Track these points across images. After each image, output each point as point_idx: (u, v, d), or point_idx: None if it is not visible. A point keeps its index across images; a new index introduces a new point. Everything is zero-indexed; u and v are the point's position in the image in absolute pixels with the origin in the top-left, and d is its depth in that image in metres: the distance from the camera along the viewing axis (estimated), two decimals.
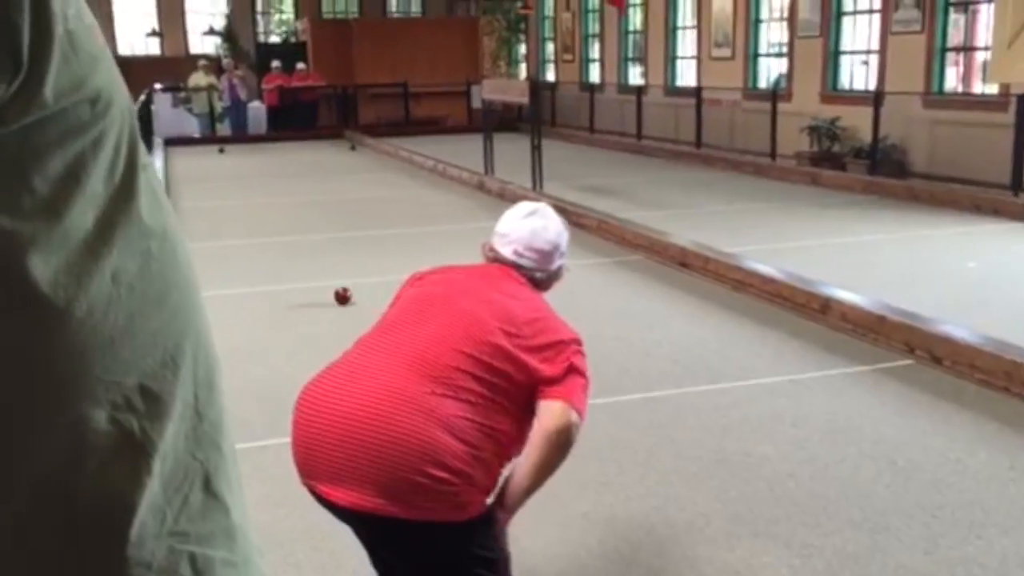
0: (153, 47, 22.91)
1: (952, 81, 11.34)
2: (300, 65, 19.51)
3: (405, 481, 1.90)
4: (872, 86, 11.99)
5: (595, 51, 19.57)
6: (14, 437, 0.62)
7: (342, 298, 6.44)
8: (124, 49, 22.83)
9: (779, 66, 14.21)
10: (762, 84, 14.45)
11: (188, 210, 10.43)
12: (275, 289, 6.92)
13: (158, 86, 19.25)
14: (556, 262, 2.34)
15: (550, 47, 21.75)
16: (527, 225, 2.31)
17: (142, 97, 15.15)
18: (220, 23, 22.68)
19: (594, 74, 19.54)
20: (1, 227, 0.59)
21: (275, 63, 19.39)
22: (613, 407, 4.37)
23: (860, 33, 12.55)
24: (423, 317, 2.11)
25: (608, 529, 3.29)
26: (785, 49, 13.87)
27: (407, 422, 1.92)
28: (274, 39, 23.59)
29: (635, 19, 17.95)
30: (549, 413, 2.04)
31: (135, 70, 21.12)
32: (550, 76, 21.35)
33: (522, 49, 22.81)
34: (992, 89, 10.62)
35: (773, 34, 14.37)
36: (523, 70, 22.36)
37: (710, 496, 3.48)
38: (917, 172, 11.13)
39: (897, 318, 5.15)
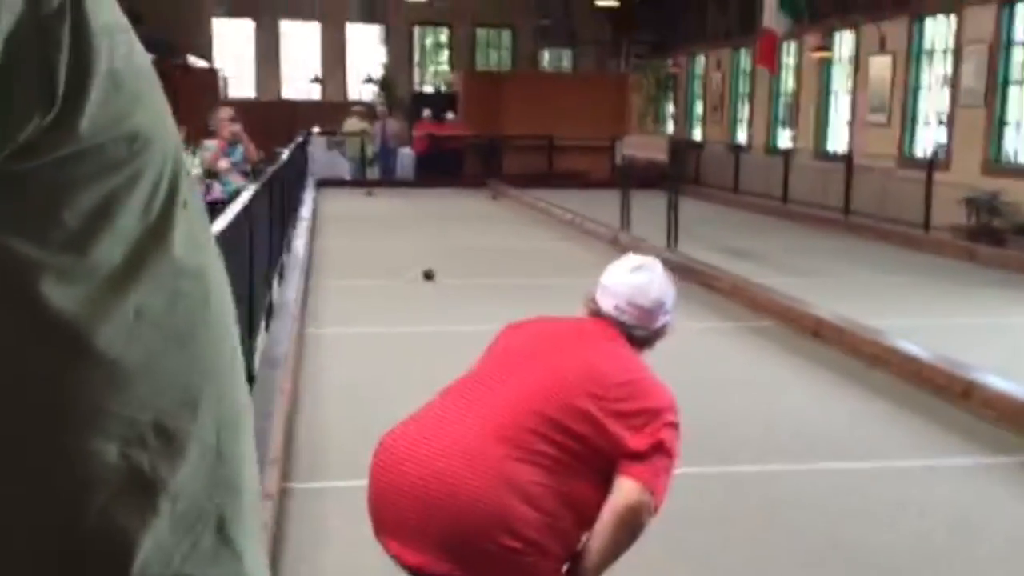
0: (315, 93, 24.09)
1: None
2: (449, 115, 20.09)
3: (474, 547, 1.85)
4: None
5: (744, 112, 19.33)
6: (25, 463, 0.62)
7: (428, 276, 8.56)
8: (288, 93, 24.13)
9: (938, 134, 13.63)
10: (919, 152, 13.89)
11: (330, 248, 10.81)
12: (403, 331, 7.04)
13: (316, 129, 20.18)
14: (660, 320, 2.23)
15: (699, 106, 21.63)
16: (631, 280, 2.22)
17: (299, 139, 15.89)
18: (379, 72, 23.65)
19: (742, 135, 19.28)
20: (27, 257, 0.59)
21: (426, 112, 20.03)
22: (725, 478, 4.20)
23: None
24: (508, 373, 2.06)
25: None
26: (945, 117, 13.31)
27: (480, 487, 1.87)
28: (428, 89, 24.41)
29: (787, 81, 17.64)
30: (623, 491, 1.95)
31: (297, 114, 22.28)
32: (697, 135, 21.20)
33: (670, 107, 22.76)
34: None
35: (934, 101, 13.83)
36: (670, 128, 22.29)
37: None
38: None
39: None
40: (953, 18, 13.02)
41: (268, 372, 5.13)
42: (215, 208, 5.85)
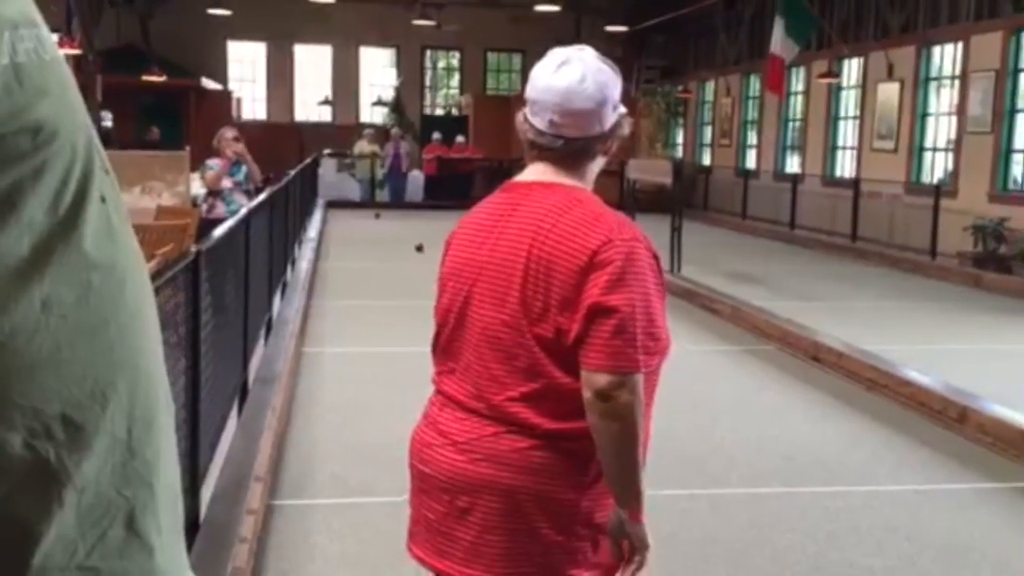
0: (326, 115, 24.26)
1: None
2: (459, 138, 20.19)
3: (499, 544, 1.78)
4: None
5: (753, 137, 19.36)
6: None
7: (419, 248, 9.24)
8: (300, 115, 24.31)
9: (945, 161, 13.61)
10: (926, 179, 13.87)
11: (335, 269, 10.85)
12: (401, 351, 7.04)
13: (327, 151, 20.30)
14: (609, 118, 1.82)
15: (708, 131, 21.67)
16: (560, 83, 1.79)
17: (307, 160, 15.98)
18: (390, 95, 23.80)
19: (750, 160, 19.30)
20: None
21: (436, 135, 20.15)
22: (713, 499, 4.18)
23: None
24: (459, 337, 1.87)
25: None
26: (952, 144, 13.30)
27: (486, 479, 1.79)
28: (439, 112, 24.55)
29: (796, 107, 17.67)
30: (583, 388, 1.70)
31: (308, 135, 22.44)
32: (706, 160, 21.24)
33: (680, 133, 22.81)
34: None
35: (940, 128, 13.82)
36: (679, 153, 22.33)
37: None
38: None
39: None
40: (960, 45, 13.04)
41: (261, 389, 5.15)
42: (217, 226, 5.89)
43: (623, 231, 1.75)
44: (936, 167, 13.90)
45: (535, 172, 1.88)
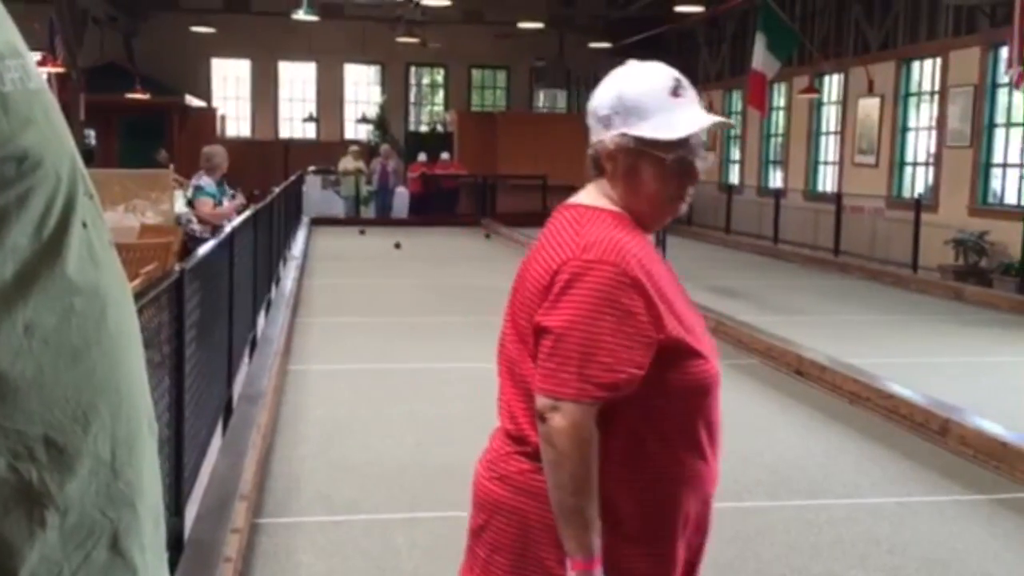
0: (310, 132, 24.27)
1: None
2: (444, 155, 20.23)
3: (497, 566, 1.76)
4: None
5: (736, 152, 19.49)
6: None
7: (397, 245, 9.48)
8: (284, 132, 24.32)
9: (925, 175, 13.74)
10: (907, 193, 14.00)
11: (319, 286, 10.83)
12: (386, 367, 7.05)
13: (312, 168, 20.31)
14: (594, 133, 1.73)
15: None
16: None
17: (292, 177, 15.97)
18: (374, 112, 23.86)
19: (734, 175, 19.42)
20: None
21: (421, 156, 20.19)
22: None
23: (1013, 145, 12.03)
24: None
25: None
26: (932, 159, 13.43)
27: (494, 499, 1.78)
28: (423, 128, 24.62)
29: (778, 123, 17.81)
30: None
31: (292, 152, 22.44)
32: None
33: None
34: None
35: (921, 143, 13.96)
36: None
37: None
38: None
39: (1022, 446, 4.77)
40: (939, 61, 13.20)
41: (246, 407, 5.13)
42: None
43: (588, 252, 1.65)
44: (917, 181, 14.04)
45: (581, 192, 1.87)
